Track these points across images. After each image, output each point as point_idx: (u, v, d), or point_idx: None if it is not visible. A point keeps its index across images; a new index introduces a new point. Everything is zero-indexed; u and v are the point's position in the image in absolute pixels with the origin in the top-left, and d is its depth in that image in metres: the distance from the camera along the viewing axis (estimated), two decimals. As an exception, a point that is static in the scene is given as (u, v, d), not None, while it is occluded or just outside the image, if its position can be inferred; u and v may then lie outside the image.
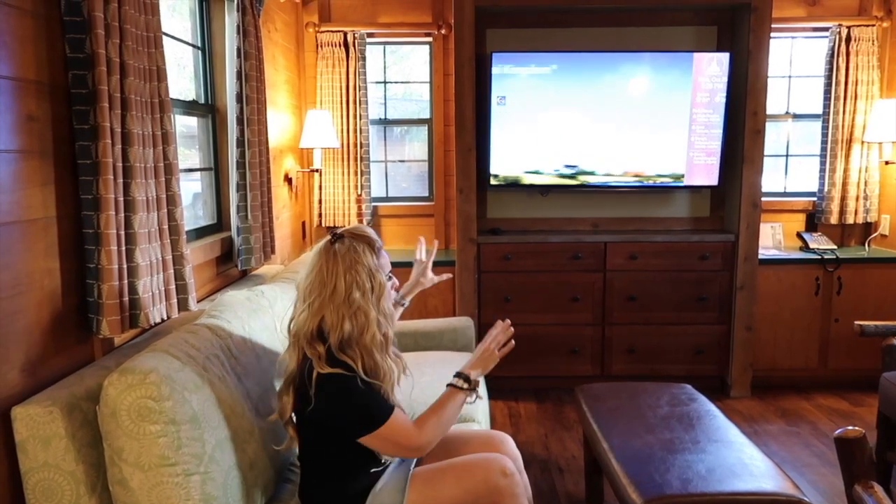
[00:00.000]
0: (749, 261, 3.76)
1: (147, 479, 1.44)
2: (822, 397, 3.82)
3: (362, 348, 1.68)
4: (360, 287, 1.68)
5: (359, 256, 1.70)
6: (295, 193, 4.01)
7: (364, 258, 1.70)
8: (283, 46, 3.77)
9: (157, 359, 1.52)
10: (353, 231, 1.77)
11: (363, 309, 1.67)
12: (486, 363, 1.90)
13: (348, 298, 1.67)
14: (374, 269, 1.71)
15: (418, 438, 1.73)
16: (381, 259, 1.77)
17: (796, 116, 4.29)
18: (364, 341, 1.68)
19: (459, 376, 1.85)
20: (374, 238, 1.77)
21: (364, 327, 1.67)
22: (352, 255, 1.69)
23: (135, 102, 1.75)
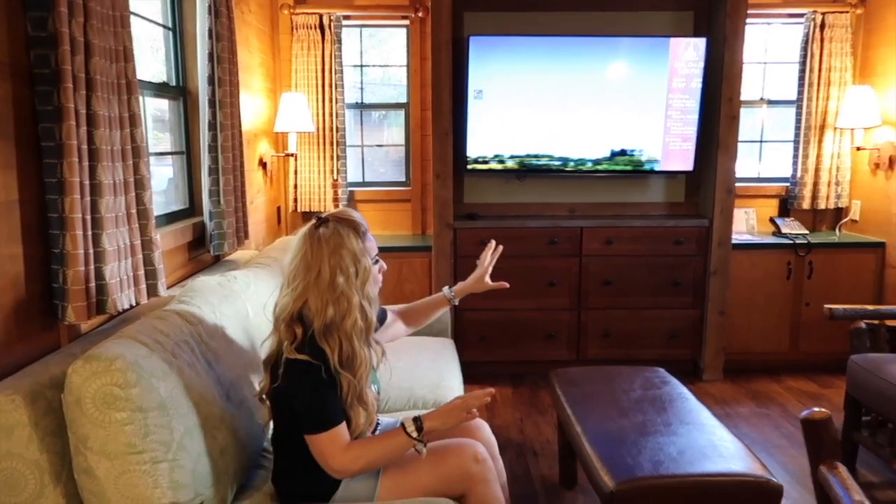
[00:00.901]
0: (723, 246, 3.80)
1: (113, 467, 1.42)
2: (792, 380, 3.89)
3: (343, 334, 1.66)
4: (344, 272, 1.66)
5: (343, 240, 1.67)
6: (269, 178, 3.96)
7: (348, 242, 1.68)
8: (256, 28, 3.70)
9: (123, 345, 1.50)
10: (339, 215, 1.75)
11: (346, 294, 1.66)
12: (449, 420, 1.71)
13: (332, 283, 1.65)
14: (359, 254, 1.69)
15: (342, 462, 1.65)
16: (367, 243, 1.74)
17: (771, 102, 4.33)
18: (345, 327, 1.66)
19: (417, 421, 1.69)
20: (360, 222, 1.75)
21: (346, 313, 1.65)
22: (336, 240, 1.67)
23: (100, 83, 1.71)
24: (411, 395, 2.50)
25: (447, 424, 1.71)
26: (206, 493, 1.59)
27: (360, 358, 1.69)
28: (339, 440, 1.65)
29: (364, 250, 1.71)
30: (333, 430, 1.64)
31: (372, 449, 1.69)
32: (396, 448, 1.70)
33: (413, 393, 2.51)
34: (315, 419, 1.65)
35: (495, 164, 3.86)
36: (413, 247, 4.02)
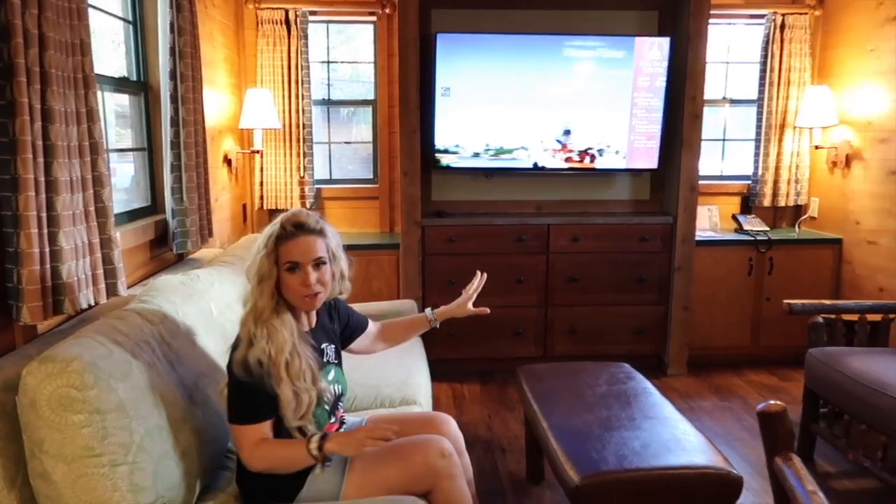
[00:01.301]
0: (686, 242, 3.87)
1: (71, 471, 1.39)
2: (753, 373, 3.98)
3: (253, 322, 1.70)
4: (251, 264, 1.74)
5: (263, 236, 1.74)
6: (235, 175, 3.91)
7: (263, 239, 1.74)
8: (221, 23, 3.65)
9: (81, 346, 1.47)
10: (288, 212, 1.78)
11: (253, 285, 1.72)
12: (349, 448, 1.67)
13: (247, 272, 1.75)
14: (259, 250, 1.73)
15: (248, 457, 1.68)
16: (282, 247, 1.72)
17: (733, 102, 4.41)
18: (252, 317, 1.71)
19: (322, 440, 1.66)
20: (285, 223, 1.73)
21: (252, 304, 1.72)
22: (262, 235, 1.75)
23: (56, 77, 1.66)
24: (378, 393, 2.50)
25: (346, 451, 1.68)
26: (168, 496, 1.56)
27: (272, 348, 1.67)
28: (250, 436, 1.67)
29: (263, 248, 1.72)
30: (249, 425, 1.67)
31: (276, 454, 1.69)
32: (298, 460, 1.69)
33: (380, 391, 2.50)
34: (232, 410, 1.69)
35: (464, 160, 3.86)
36: (381, 244, 4.00)
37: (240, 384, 1.66)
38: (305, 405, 1.71)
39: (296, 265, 1.72)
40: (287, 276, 1.72)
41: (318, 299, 1.78)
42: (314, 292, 1.74)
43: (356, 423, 2.01)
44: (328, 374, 1.86)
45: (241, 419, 1.68)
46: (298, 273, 1.72)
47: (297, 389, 1.69)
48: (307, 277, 1.72)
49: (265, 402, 1.67)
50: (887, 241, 3.66)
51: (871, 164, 3.79)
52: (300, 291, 1.73)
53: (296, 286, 1.72)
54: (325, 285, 1.78)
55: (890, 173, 3.63)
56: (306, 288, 1.72)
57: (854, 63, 3.89)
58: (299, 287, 1.72)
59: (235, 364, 1.66)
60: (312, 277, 1.73)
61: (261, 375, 1.65)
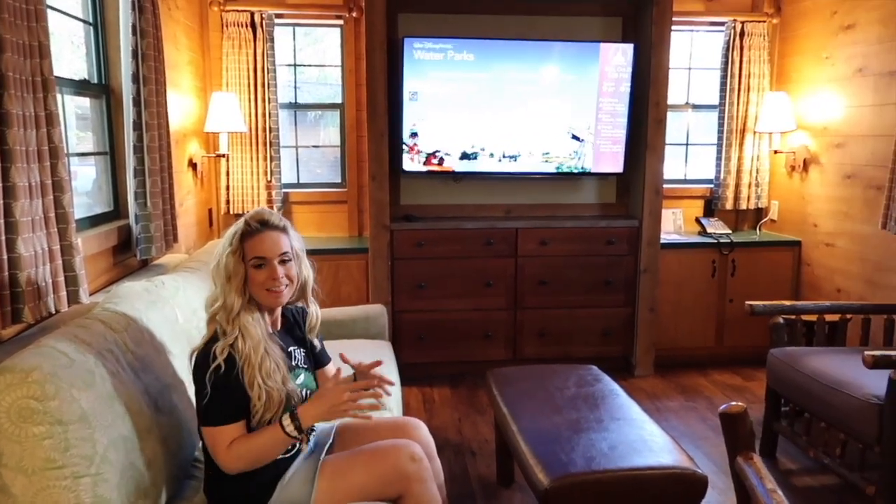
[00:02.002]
0: (652, 245, 3.93)
1: (31, 483, 1.35)
2: (718, 374, 4.06)
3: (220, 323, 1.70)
4: (217, 264, 1.74)
5: (227, 234, 1.75)
6: (200, 179, 3.86)
7: (228, 237, 1.74)
8: (185, 25, 3.60)
9: (41, 356, 1.43)
10: (252, 211, 1.80)
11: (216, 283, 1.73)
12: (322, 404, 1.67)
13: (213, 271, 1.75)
14: (225, 248, 1.73)
15: (225, 460, 1.65)
16: (247, 242, 1.73)
17: (696, 107, 4.50)
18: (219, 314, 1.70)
19: (293, 418, 1.67)
20: (251, 220, 1.75)
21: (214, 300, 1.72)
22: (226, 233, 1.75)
23: (13, 81, 1.63)
24: (348, 398, 2.47)
25: (322, 410, 1.67)
26: (133, 507, 1.53)
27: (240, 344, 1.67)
28: (223, 437, 1.65)
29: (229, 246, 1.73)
30: (222, 427, 1.65)
31: (252, 447, 1.67)
32: (275, 444, 1.68)
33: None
34: (204, 411, 1.66)
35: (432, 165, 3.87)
36: (350, 249, 3.99)
37: (210, 384, 1.63)
38: (276, 404, 1.70)
39: (262, 261, 1.73)
40: (254, 273, 1.73)
41: (283, 295, 1.78)
42: (280, 287, 1.75)
43: (325, 430, 2.00)
44: (297, 378, 1.85)
45: (214, 420, 1.65)
46: (265, 268, 1.74)
47: (268, 388, 1.68)
48: (274, 271, 1.73)
49: (237, 401, 1.66)
50: (843, 243, 3.77)
51: (828, 168, 3.90)
52: (267, 285, 1.74)
53: (262, 281, 1.74)
54: (292, 280, 1.80)
55: (845, 177, 3.74)
56: (274, 282, 1.74)
57: (810, 70, 4.00)
58: (267, 281, 1.74)
59: (207, 361, 1.64)
60: (280, 272, 1.74)
61: (233, 373, 1.64)
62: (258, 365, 1.68)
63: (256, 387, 1.67)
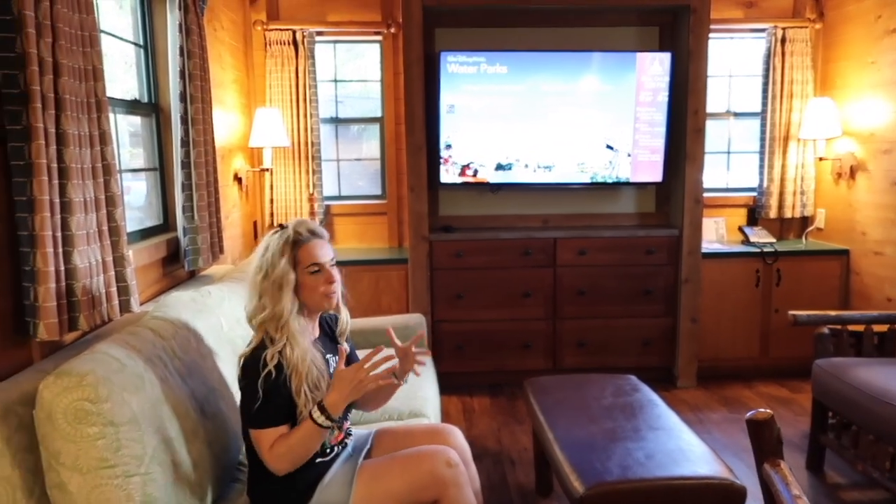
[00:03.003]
0: (693, 255, 3.88)
1: (86, 482, 1.43)
2: (763, 385, 3.97)
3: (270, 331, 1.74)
4: (267, 273, 1.77)
5: (275, 244, 1.79)
6: (245, 193, 3.98)
7: (277, 246, 1.78)
8: (230, 45, 3.73)
9: (94, 361, 1.51)
10: (294, 221, 1.86)
11: (266, 293, 1.76)
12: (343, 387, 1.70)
13: (260, 281, 1.77)
14: (279, 258, 1.76)
15: (270, 460, 1.71)
16: (301, 251, 1.79)
17: (737, 114, 4.44)
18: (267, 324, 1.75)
19: (322, 409, 1.70)
20: (300, 230, 1.81)
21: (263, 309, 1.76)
22: (272, 243, 1.79)
23: (69, 102, 1.73)
24: (385, 406, 2.51)
25: (344, 393, 1.70)
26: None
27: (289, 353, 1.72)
28: (268, 439, 1.70)
29: (284, 255, 1.76)
30: (266, 429, 1.70)
31: (290, 445, 1.71)
32: (311, 438, 1.71)
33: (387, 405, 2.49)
34: (249, 415, 1.72)
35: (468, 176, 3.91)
36: (390, 259, 4.05)
37: (261, 389, 1.69)
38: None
39: (319, 266, 1.80)
40: (310, 279, 1.80)
41: (334, 299, 1.86)
42: (334, 291, 1.84)
43: (363, 435, 2.05)
44: None
45: (261, 423, 1.70)
46: (321, 274, 1.81)
47: (313, 396, 1.74)
48: (331, 275, 1.82)
49: (283, 406, 1.72)
50: (893, 251, 3.66)
51: (875, 175, 3.80)
52: (324, 291, 1.81)
53: (319, 286, 1.80)
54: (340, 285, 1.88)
55: (893, 184, 3.64)
56: (331, 286, 1.82)
57: (855, 75, 3.92)
58: (324, 286, 1.81)
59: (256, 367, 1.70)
60: (336, 275, 1.83)
61: (280, 379, 1.70)
62: (305, 374, 1.74)
63: (303, 394, 1.73)
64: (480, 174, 3.91)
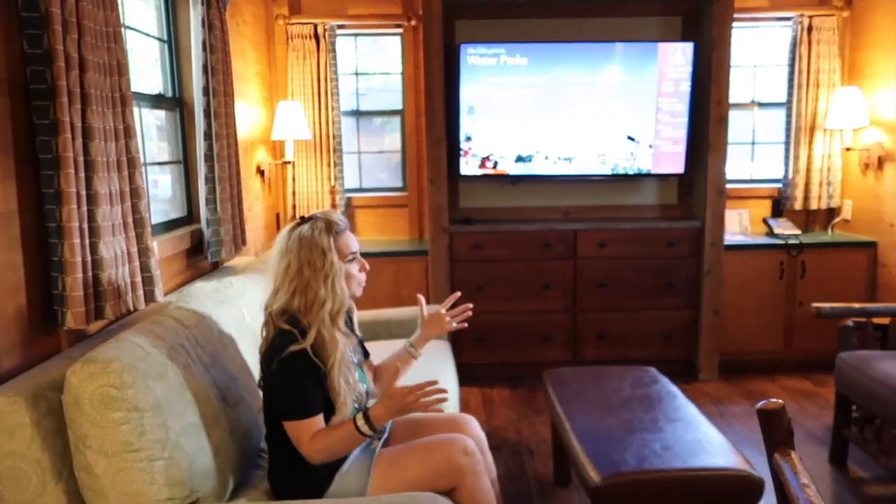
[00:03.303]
0: (715, 247, 3.85)
1: (111, 464, 1.48)
2: (786, 379, 3.93)
3: (312, 322, 1.75)
4: (312, 265, 1.76)
5: (314, 236, 1.78)
6: (268, 185, 4.03)
7: (319, 238, 1.78)
8: (252, 39, 3.78)
9: (119, 348, 1.56)
10: (319, 213, 1.87)
11: (312, 286, 1.76)
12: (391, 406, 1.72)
13: (299, 275, 1.76)
14: (327, 249, 1.77)
15: (308, 450, 1.73)
16: (339, 241, 1.82)
17: (761, 105, 4.38)
18: (311, 316, 1.75)
19: (367, 420, 1.72)
20: (335, 220, 1.84)
21: (312, 303, 1.76)
22: (309, 235, 1.79)
23: (95, 97, 1.77)
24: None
25: (392, 411, 1.72)
26: (202, 490, 1.64)
27: (331, 344, 1.75)
28: (306, 430, 1.72)
29: (334, 247, 1.80)
30: (304, 420, 1.72)
31: (332, 441, 1.74)
32: (352, 442, 1.75)
33: (406, 394, 2.55)
34: (285, 407, 1.74)
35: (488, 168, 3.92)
36: (410, 251, 4.08)
37: (293, 376, 1.72)
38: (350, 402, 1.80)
39: (356, 255, 1.87)
40: (350, 267, 1.85)
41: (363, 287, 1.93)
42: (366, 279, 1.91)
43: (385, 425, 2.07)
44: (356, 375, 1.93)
45: (298, 414, 1.73)
46: (356, 262, 1.87)
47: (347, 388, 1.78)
48: (365, 263, 1.89)
49: (318, 394, 1.75)
50: (922, 242, 3.59)
51: (905, 165, 3.73)
52: (360, 278, 1.88)
53: (356, 275, 1.87)
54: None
55: (923, 174, 3.57)
56: (365, 273, 1.89)
57: (884, 64, 3.84)
58: (358, 274, 1.87)
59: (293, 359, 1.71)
60: (366, 264, 1.90)
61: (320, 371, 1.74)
62: (339, 365, 1.77)
63: (339, 386, 1.76)
64: (500, 166, 3.92)
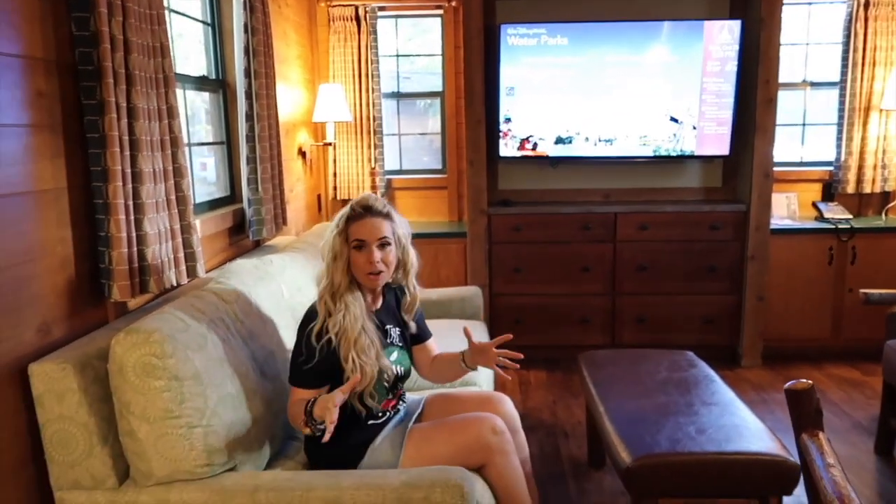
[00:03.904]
0: (760, 230, 3.75)
1: (153, 430, 1.55)
2: (833, 367, 3.83)
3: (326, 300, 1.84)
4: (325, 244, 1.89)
5: (335, 217, 1.89)
6: (309, 167, 4.09)
7: (335, 219, 1.89)
8: (294, 21, 3.82)
9: (161, 320, 1.62)
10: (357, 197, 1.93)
11: (329, 268, 1.86)
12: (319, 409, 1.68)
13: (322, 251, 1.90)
14: (333, 231, 1.88)
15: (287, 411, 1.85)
16: (351, 226, 1.86)
17: (814, 84, 4.23)
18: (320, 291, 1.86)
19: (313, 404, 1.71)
20: (355, 206, 1.88)
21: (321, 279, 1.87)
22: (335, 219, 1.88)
23: (139, 78, 1.83)
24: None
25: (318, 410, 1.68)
26: (240, 458, 1.71)
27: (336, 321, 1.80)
28: (294, 396, 1.83)
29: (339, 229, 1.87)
30: (293, 387, 1.83)
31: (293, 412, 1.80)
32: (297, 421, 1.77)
33: (441, 373, 2.58)
34: (291, 371, 1.85)
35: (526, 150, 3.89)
36: (449, 233, 4.10)
37: (301, 348, 1.81)
38: (368, 378, 1.82)
39: (362, 243, 1.85)
40: (355, 254, 1.86)
41: (380, 278, 1.89)
42: (377, 270, 1.87)
43: (415, 400, 2.11)
44: (391, 354, 1.95)
45: (294, 380, 1.84)
46: (364, 251, 1.85)
47: (361, 362, 1.80)
48: (371, 255, 1.85)
49: (322, 370, 1.81)
50: (982, 228, 3.44)
51: (965, 147, 3.56)
52: (365, 268, 1.86)
53: (362, 263, 1.86)
54: (389, 265, 1.90)
55: None
56: (370, 265, 1.85)
57: (946, 39, 3.66)
58: (364, 264, 1.86)
59: (313, 335, 1.80)
60: (376, 255, 1.85)
61: (330, 346, 1.79)
62: (353, 340, 1.81)
63: (351, 360, 1.80)
64: (540, 148, 3.89)
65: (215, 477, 1.63)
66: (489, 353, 1.91)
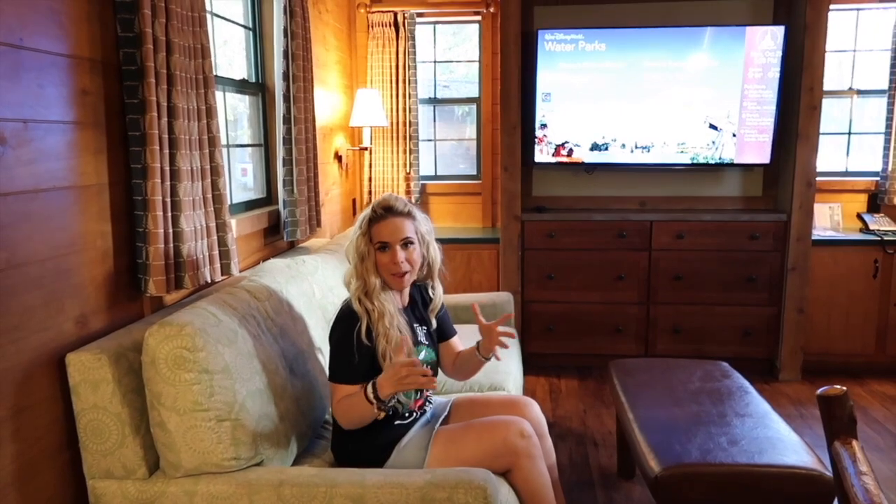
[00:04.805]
0: (801, 241, 3.66)
1: (182, 422, 1.58)
2: (877, 383, 3.70)
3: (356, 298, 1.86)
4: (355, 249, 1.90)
5: (359, 220, 1.92)
6: (345, 171, 4.13)
7: (359, 222, 1.91)
8: (333, 27, 3.88)
9: (194, 314, 1.66)
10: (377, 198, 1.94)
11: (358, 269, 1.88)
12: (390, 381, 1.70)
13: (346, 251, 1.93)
14: (356, 231, 1.90)
15: (334, 412, 1.83)
16: (374, 227, 1.88)
17: (861, 92, 4.12)
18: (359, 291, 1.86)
19: (374, 388, 1.73)
20: (376, 208, 1.89)
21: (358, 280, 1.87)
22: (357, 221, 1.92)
23: (180, 78, 1.88)
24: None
25: (390, 382, 1.69)
26: (266, 453, 1.73)
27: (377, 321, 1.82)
28: (336, 393, 1.82)
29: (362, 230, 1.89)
30: (337, 385, 1.82)
31: (347, 406, 1.79)
32: (361, 406, 1.74)
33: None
34: (332, 369, 1.85)
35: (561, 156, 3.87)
36: (482, 239, 4.09)
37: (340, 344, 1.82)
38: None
39: (385, 245, 1.87)
40: (379, 255, 1.88)
41: (405, 278, 1.90)
42: (402, 271, 1.88)
43: (442, 402, 2.11)
44: (419, 353, 1.96)
45: (337, 378, 1.84)
46: (388, 252, 1.87)
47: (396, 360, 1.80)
48: (395, 255, 1.86)
49: (363, 365, 1.82)
50: None
51: None
52: (389, 269, 1.87)
53: (386, 264, 1.87)
54: (413, 265, 1.91)
55: None
56: (395, 266, 1.86)
57: None
58: (389, 265, 1.87)
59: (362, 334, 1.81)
60: (400, 256, 1.86)
61: (366, 343, 1.81)
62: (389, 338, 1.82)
63: (388, 358, 1.81)
64: (575, 154, 3.87)
65: (242, 471, 1.65)
66: (493, 334, 1.92)
